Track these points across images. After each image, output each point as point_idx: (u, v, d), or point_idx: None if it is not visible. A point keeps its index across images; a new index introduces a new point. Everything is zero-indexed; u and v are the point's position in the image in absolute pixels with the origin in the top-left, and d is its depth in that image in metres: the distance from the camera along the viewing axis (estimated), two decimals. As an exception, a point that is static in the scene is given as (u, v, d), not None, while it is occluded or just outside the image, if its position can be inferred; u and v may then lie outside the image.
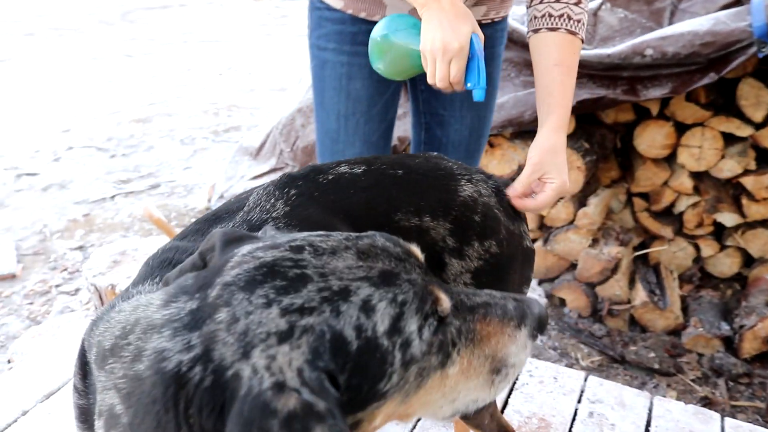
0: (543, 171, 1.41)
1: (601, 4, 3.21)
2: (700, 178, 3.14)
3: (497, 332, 0.90)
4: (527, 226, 1.45)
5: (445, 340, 0.83)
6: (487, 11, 1.70)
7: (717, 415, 2.00)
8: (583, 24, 1.48)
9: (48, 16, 10.57)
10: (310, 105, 3.38)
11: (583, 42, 1.49)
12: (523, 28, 2.81)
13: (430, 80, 1.36)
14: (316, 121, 1.91)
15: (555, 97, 1.46)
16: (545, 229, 3.25)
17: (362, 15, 1.66)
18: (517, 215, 1.40)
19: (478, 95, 1.35)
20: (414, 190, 1.27)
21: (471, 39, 1.33)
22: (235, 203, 1.18)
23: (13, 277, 3.42)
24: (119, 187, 4.44)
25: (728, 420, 1.98)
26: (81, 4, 11.51)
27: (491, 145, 3.12)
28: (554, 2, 1.47)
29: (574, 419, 1.97)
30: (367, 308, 0.75)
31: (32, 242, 3.77)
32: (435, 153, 1.48)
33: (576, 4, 1.47)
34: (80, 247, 3.72)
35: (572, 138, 3.06)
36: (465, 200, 1.29)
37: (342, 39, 1.68)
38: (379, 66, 1.46)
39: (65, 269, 3.49)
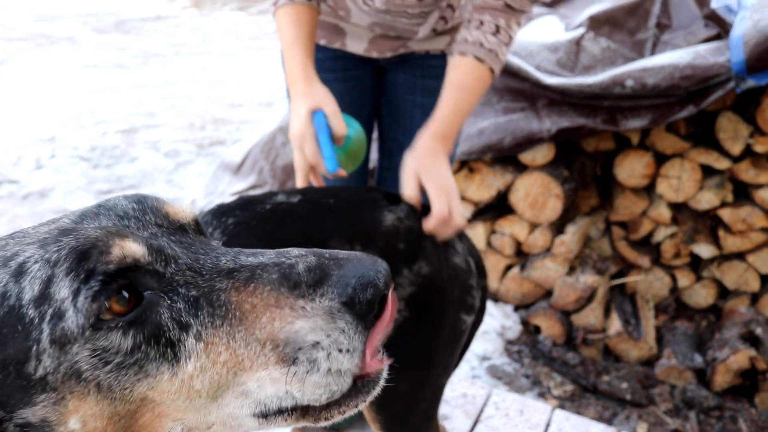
0: (418, 172, 1.43)
1: (585, 33, 3.23)
2: (678, 209, 3.15)
3: (267, 305, 0.66)
4: (465, 243, 1.47)
5: (150, 314, 0.64)
6: (451, 41, 1.69)
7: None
8: (497, 54, 1.47)
9: (42, 24, 10.57)
10: (292, 123, 3.37)
11: (494, 73, 1.49)
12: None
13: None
14: None
15: (441, 110, 1.48)
16: (522, 255, 3.25)
17: (322, 42, 1.66)
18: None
19: (327, 167, 1.39)
20: (345, 219, 1.29)
21: (317, 115, 1.38)
22: None
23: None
24: (99, 198, 4.40)
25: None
26: (76, 13, 11.51)
27: (471, 171, 3.11)
28: (474, 29, 1.47)
29: (538, 451, 1.96)
30: (19, 272, 0.64)
31: (7, 252, 3.73)
32: (374, 186, 1.50)
33: (493, 33, 1.46)
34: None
35: (552, 165, 3.06)
36: (388, 229, 1.31)
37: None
38: (351, 171, 1.52)
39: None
